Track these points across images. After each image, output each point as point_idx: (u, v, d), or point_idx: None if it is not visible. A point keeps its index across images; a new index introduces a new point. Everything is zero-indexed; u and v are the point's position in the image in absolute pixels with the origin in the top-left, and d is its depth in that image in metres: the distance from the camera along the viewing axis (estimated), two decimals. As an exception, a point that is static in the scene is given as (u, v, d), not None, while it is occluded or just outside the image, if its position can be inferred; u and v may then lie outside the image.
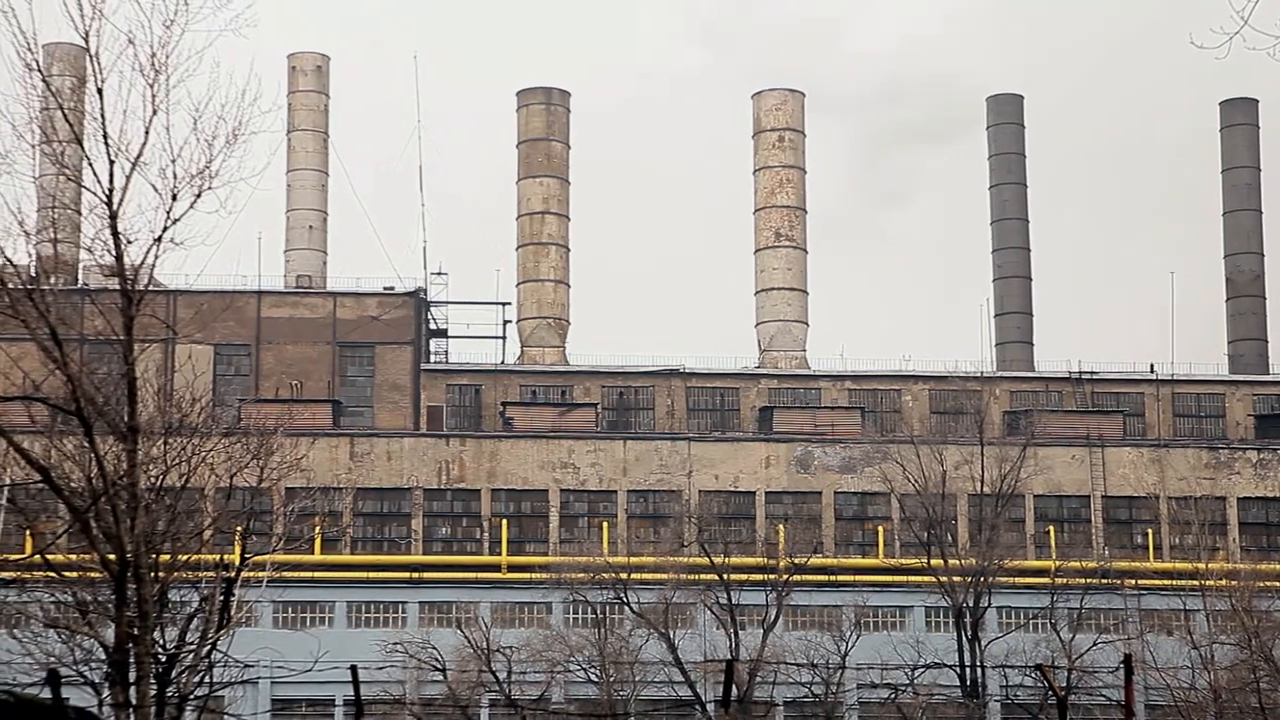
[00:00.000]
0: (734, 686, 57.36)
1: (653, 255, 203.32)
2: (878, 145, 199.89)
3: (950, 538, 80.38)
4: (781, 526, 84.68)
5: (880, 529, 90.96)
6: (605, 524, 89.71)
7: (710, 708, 72.19)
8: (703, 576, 73.89)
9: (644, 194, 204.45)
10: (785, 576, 74.35)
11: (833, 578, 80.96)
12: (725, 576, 72.84)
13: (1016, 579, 78.94)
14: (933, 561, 75.94)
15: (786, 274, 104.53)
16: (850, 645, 74.28)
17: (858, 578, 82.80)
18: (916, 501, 79.48)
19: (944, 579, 74.13)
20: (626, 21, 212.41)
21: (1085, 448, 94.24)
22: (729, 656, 67.60)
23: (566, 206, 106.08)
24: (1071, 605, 76.30)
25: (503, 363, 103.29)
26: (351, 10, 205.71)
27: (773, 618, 73.09)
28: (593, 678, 71.97)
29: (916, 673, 73.88)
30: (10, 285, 25.07)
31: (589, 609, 74.82)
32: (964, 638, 73.92)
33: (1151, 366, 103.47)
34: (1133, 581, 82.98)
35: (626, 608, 73.39)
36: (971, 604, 73.86)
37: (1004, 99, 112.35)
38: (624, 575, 73.51)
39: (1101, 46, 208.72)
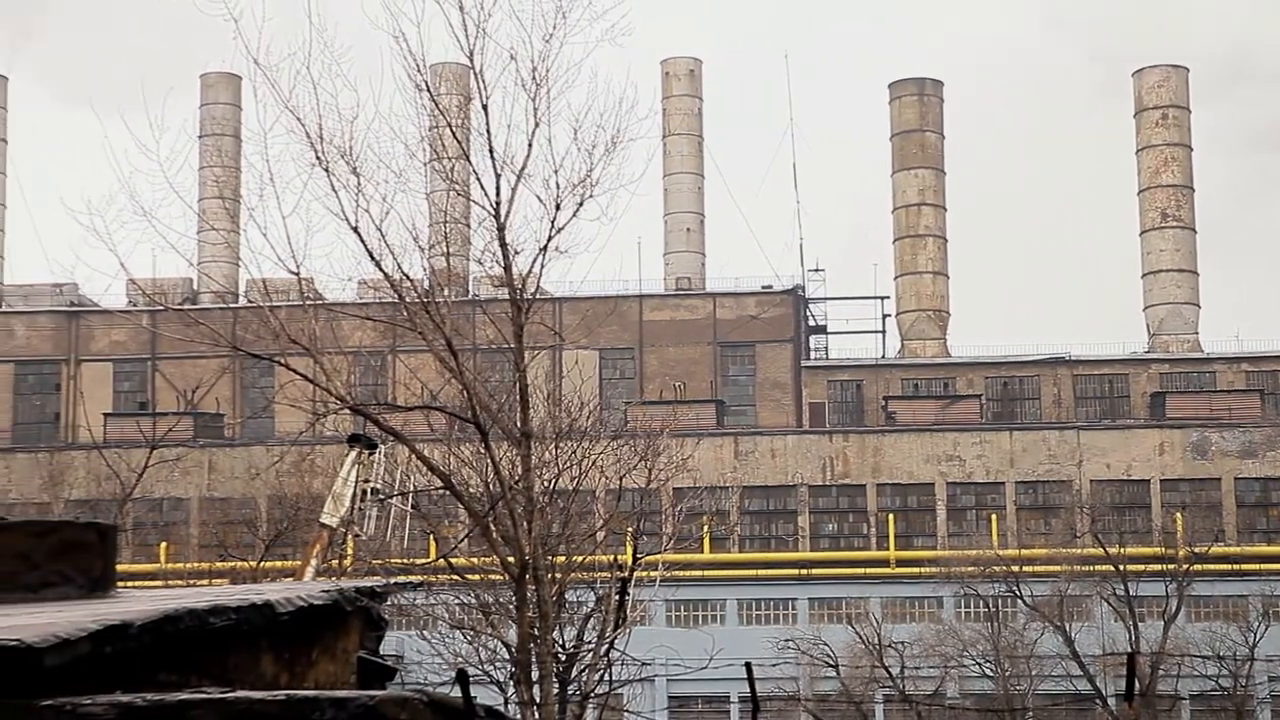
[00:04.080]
0: (1135, 680, 55.73)
1: (1032, 242, 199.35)
2: (1259, 117, 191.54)
3: (1363, 523, 76.60)
4: (1179, 515, 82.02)
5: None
6: (994, 516, 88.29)
7: (1111, 702, 70.38)
8: (1097, 568, 72.10)
9: (1019, 180, 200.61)
10: (1185, 566, 72.02)
11: (1237, 567, 78.07)
12: (1121, 567, 70.92)
13: None
14: (1345, 548, 72.51)
15: (1175, 255, 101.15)
16: (1259, 636, 71.48)
17: (1264, 566, 79.64)
18: (1325, 486, 76.00)
19: (1358, 566, 70.75)
20: (984, 7, 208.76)
21: None
22: (1129, 649, 65.67)
23: (942, 197, 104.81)
24: None
25: (883, 357, 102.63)
26: (722, 13, 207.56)
27: (1173, 609, 70.89)
28: (988, 672, 70.96)
29: (1332, 665, 70.67)
30: (408, 299, 25.94)
31: (980, 603, 73.81)
32: (1382, 628, 70.41)
33: None
34: None
35: (1019, 601, 72.16)
36: (1389, 592, 70.30)
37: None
38: (1015, 568, 72.30)
39: None
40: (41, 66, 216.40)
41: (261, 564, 52.15)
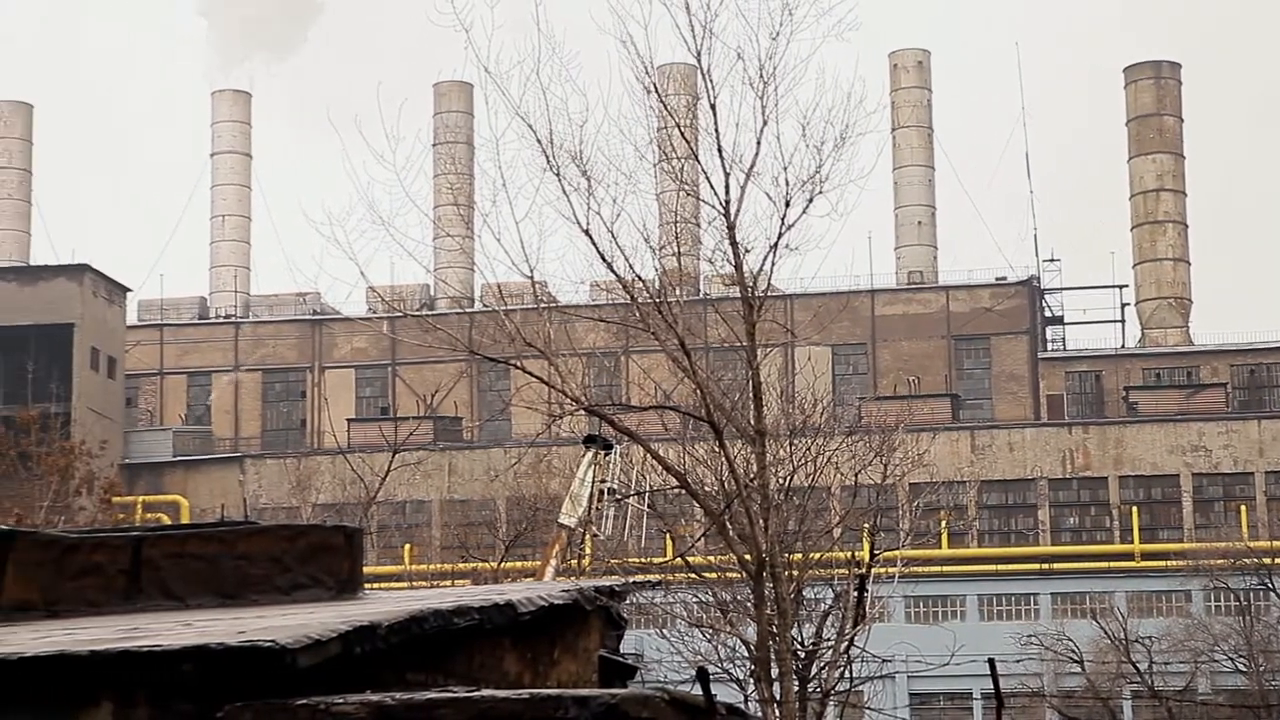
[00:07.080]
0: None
1: (1278, 226, 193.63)
2: None
3: None
4: None
5: None
6: (1243, 507, 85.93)
7: (1372, 699, 68.01)
8: (1354, 560, 69.81)
9: (1263, 163, 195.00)
10: None
11: None
12: (1380, 559, 68.57)
13: None
14: None
15: None
16: None
17: None
18: None
19: None
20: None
21: None
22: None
23: (1182, 182, 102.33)
24: None
25: (1123, 346, 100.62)
26: (949, 3, 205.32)
27: None
28: (1240, 668, 69.08)
29: None
30: (640, 300, 26.08)
31: (1231, 596, 71.91)
32: None
33: None
34: None
35: (1273, 594, 70.13)
36: None
37: None
38: (1267, 560, 70.30)
39: None
40: (282, 82, 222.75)
41: (502, 564, 52.88)
